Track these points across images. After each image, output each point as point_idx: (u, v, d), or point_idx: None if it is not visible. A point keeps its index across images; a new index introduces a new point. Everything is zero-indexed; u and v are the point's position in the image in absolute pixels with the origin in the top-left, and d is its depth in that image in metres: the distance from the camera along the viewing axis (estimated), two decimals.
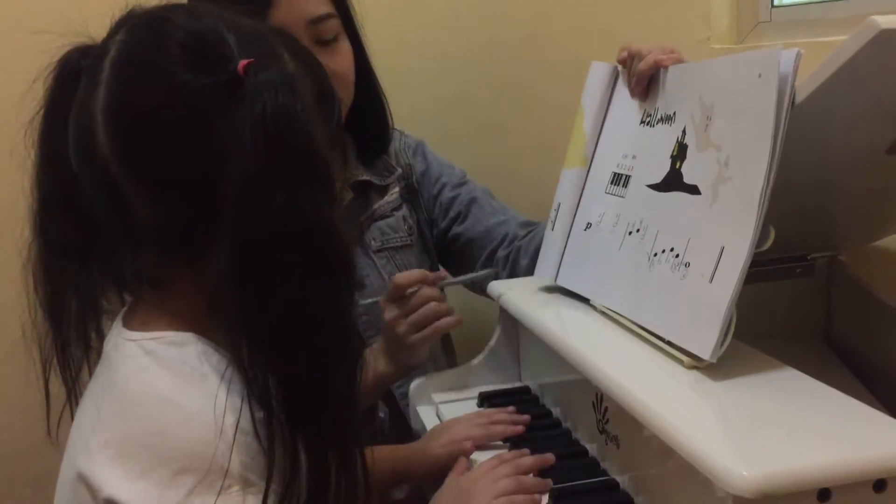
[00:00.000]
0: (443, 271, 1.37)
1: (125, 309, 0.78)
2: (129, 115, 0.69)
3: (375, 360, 1.16)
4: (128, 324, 0.75)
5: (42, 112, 0.74)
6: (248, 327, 0.68)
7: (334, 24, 1.19)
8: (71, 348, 0.77)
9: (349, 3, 1.23)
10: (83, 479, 0.70)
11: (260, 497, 0.67)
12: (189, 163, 0.69)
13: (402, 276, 1.15)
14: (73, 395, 0.78)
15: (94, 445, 0.70)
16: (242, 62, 0.68)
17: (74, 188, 0.72)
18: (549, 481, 0.89)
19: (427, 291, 1.14)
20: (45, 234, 0.75)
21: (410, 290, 1.14)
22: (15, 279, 0.77)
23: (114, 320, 0.78)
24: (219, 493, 0.66)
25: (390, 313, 1.14)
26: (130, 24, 0.72)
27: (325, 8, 1.18)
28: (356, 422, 0.73)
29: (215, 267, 0.67)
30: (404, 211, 1.36)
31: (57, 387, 0.80)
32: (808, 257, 1.10)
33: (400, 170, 1.36)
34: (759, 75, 0.80)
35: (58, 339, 0.77)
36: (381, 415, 1.24)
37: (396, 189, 1.35)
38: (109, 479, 0.68)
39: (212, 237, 0.67)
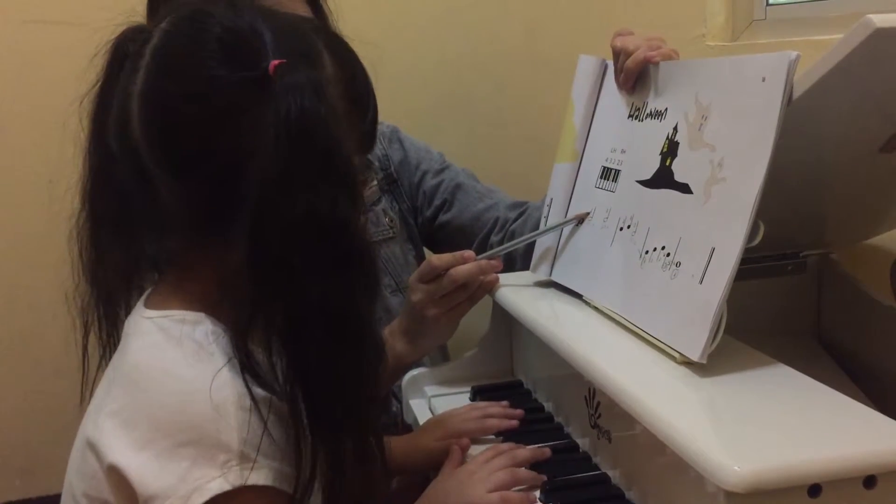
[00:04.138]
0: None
1: (149, 289, 0.79)
2: (161, 104, 0.71)
3: (393, 341, 1.15)
4: (148, 303, 0.77)
5: (96, 88, 0.76)
6: (259, 319, 0.69)
7: None
8: (108, 315, 0.79)
9: (326, 8, 1.23)
10: (91, 446, 0.72)
11: (261, 473, 0.68)
12: (213, 156, 0.70)
13: (438, 258, 1.11)
14: (105, 361, 0.80)
15: (104, 414, 0.72)
16: (274, 62, 0.69)
17: (116, 165, 0.74)
18: (543, 476, 0.90)
19: (460, 271, 1.09)
20: (91, 204, 0.78)
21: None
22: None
23: (139, 299, 0.79)
24: (218, 467, 0.67)
25: (419, 294, 1.11)
26: (176, 13, 0.73)
27: (305, 12, 1.18)
28: (374, 415, 0.74)
29: (233, 258, 0.69)
30: (384, 204, 1.35)
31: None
32: (800, 255, 1.11)
33: (376, 162, 1.35)
34: (764, 79, 0.80)
35: (98, 306, 0.79)
36: (394, 409, 1.23)
37: (374, 182, 1.34)
38: (114, 446, 0.69)
39: (231, 231, 0.69)
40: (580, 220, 1.08)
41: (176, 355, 0.71)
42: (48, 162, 0.80)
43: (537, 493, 0.88)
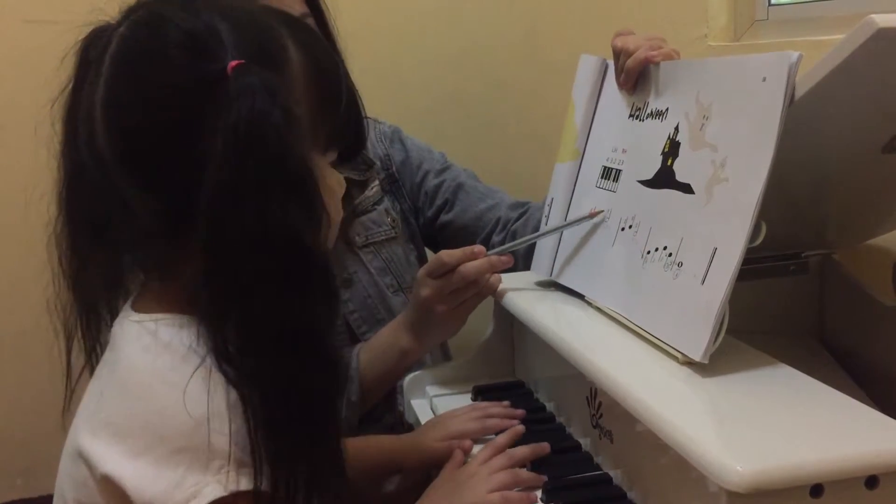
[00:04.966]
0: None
1: (136, 293, 0.79)
2: (121, 111, 0.70)
3: (398, 336, 1.15)
4: (135, 306, 0.76)
5: (66, 92, 0.75)
6: (218, 327, 0.68)
7: (310, 24, 1.19)
8: (91, 322, 0.78)
9: (322, 3, 1.23)
10: (82, 456, 0.71)
11: (252, 478, 0.67)
12: (172, 162, 0.69)
13: (448, 254, 1.10)
14: (91, 365, 0.79)
15: (96, 423, 0.71)
16: (231, 63, 0.68)
17: (88, 171, 0.73)
18: (544, 476, 0.89)
19: (470, 267, 1.08)
20: (68, 210, 0.77)
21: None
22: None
23: (125, 303, 0.78)
24: (213, 473, 0.66)
25: (427, 290, 1.11)
26: (133, 17, 0.72)
27: (301, 8, 1.18)
28: (334, 431, 0.72)
29: (191, 266, 0.69)
30: (386, 203, 1.35)
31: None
32: (802, 255, 1.11)
33: (378, 162, 1.35)
34: (764, 79, 0.80)
35: (81, 314, 0.78)
36: (400, 408, 1.23)
37: (376, 182, 1.34)
38: (107, 456, 0.69)
39: (189, 237, 0.68)
40: (593, 216, 1.06)
41: (166, 360, 0.70)
42: (47, 162, 0.79)
43: (539, 493, 0.88)
